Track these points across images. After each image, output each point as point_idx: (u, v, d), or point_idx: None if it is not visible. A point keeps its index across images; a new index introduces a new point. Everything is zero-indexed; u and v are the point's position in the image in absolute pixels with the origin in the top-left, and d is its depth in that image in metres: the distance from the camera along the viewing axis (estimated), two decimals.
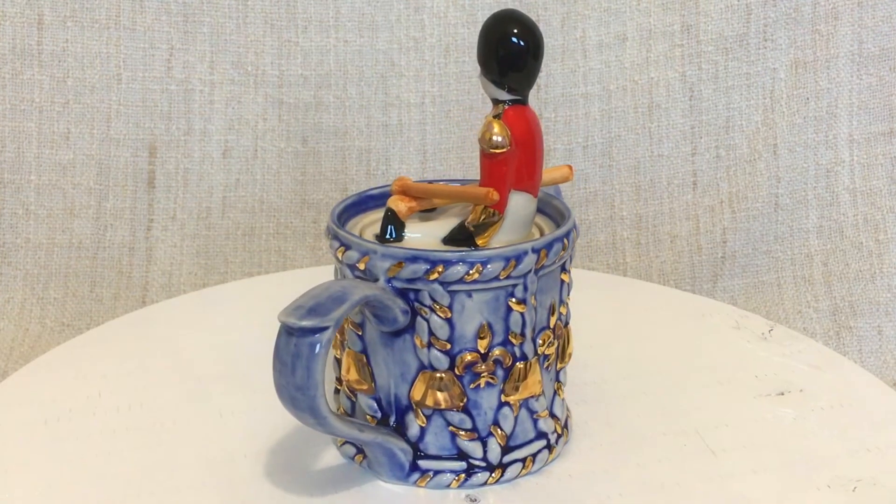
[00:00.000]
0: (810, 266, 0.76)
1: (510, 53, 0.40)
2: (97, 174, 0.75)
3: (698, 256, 0.77)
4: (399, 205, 0.43)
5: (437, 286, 0.39)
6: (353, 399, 0.43)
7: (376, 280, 0.39)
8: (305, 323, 0.36)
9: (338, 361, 0.44)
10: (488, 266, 0.39)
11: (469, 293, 0.39)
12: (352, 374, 0.42)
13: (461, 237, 0.41)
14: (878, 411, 0.48)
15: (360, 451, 0.43)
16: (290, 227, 0.77)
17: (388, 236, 0.42)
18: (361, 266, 0.39)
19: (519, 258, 0.39)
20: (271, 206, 0.77)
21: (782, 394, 0.49)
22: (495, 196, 0.41)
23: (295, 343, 0.36)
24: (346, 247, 0.40)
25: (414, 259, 0.39)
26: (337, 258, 0.41)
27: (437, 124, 0.77)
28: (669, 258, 0.77)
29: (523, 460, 0.42)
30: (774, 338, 0.55)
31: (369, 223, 0.44)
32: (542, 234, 0.43)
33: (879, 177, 0.75)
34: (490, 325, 0.40)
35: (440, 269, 0.39)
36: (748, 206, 0.76)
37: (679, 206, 0.77)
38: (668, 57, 0.76)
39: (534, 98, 0.42)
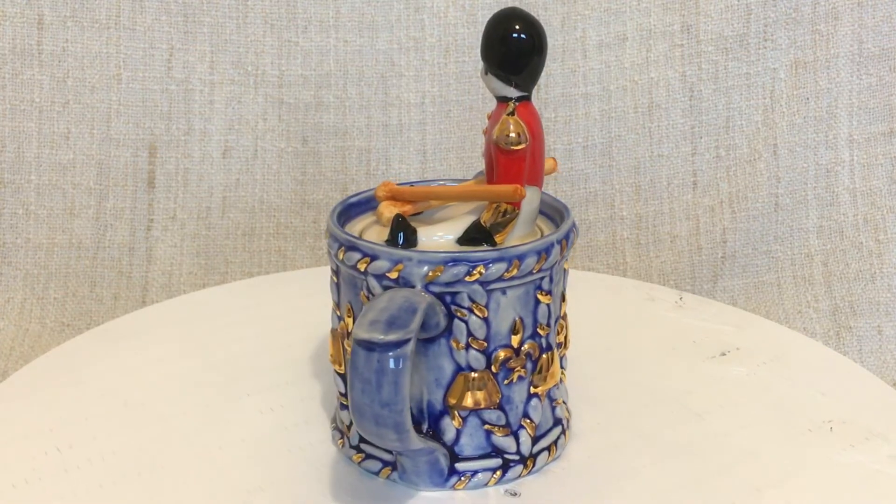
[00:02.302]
0: (810, 266, 0.76)
1: (519, 50, 0.40)
2: (97, 174, 0.75)
3: (698, 256, 0.77)
4: (392, 210, 0.42)
5: (476, 286, 0.39)
6: None
7: (413, 287, 0.39)
8: (392, 337, 0.35)
9: (342, 376, 0.43)
10: (525, 261, 0.39)
11: (504, 290, 0.40)
12: None
13: (478, 236, 0.41)
14: (811, 360, 0.53)
15: (387, 464, 0.42)
16: (290, 227, 0.77)
17: (399, 243, 0.41)
18: (393, 275, 0.39)
19: (548, 251, 0.40)
20: (271, 206, 0.77)
21: (724, 354, 0.53)
22: (524, 192, 0.41)
23: (378, 359, 0.35)
24: (373, 257, 0.39)
25: (453, 262, 0.38)
26: (357, 269, 0.40)
27: (437, 124, 0.77)
28: (669, 258, 0.77)
29: (548, 448, 0.43)
30: (687, 305, 0.59)
31: (360, 231, 0.44)
32: (541, 231, 0.44)
33: (879, 177, 0.75)
34: (522, 320, 0.40)
35: (481, 270, 0.39)
36: (748, 206, 0.76)
37: (679, 206, 0.77)
38: (668, 57, 0.76)
39: (534, 98, 0.43)
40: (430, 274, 0.38)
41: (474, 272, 0.39)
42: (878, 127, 0.75)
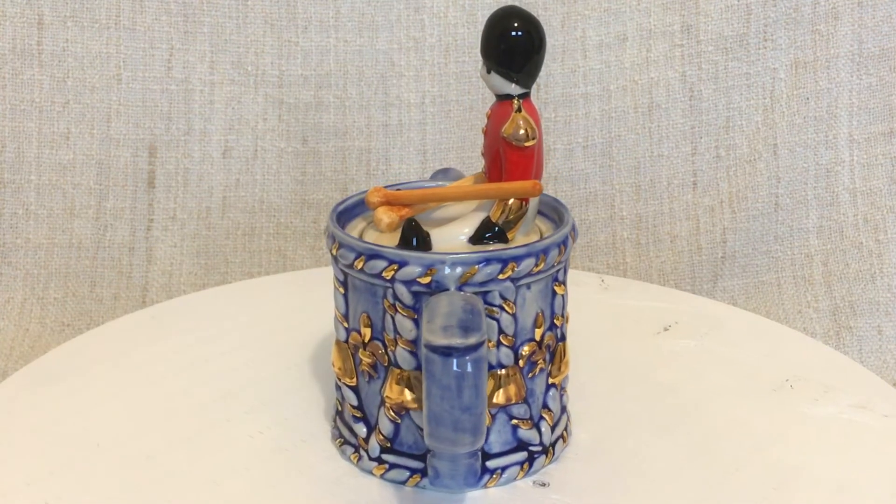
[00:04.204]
0: (810, 266, 0.76)
1: (520, 46, 0.41)
2: (97, 174, 0.75)
3: (698, 256, 0.77)
4: (390, 215, 0.42)
5: (508, 283, 0.39)
6: (399, 421, 0.41)
7: (446, 290, 0.38)
8: (471, 340, 0.35)
9: (353, 389, 0.42)
10: (549, 254, 0.40)
11: (529, 285, 0.40)
12: (405, 395, 0.40)
13: (491, 234, 0.41)
14: (744, 327, 0.56)
15: (414, 471, 0.41)
16: (290, 227, 0.77)
17: (414, 246, 0.41)
18: (426, 280, 0.38)
19: (565, 243, 0.41)
20: (271, 206, 0.77)
21: (667, 328, 0.55)
22: (542, 187, 0.41)
23: (456, 364, 0.35)
24: (401, 263, 0.39)
25: (486, 261, 0.38)
26: (381, 278, 0.39)
27: (437, 124, 0.77)
28: (669, 258, 0.77)
29: (561, 436, 0.43)
30: (611, 286, 0.61)
31: (357, 236, 0.43)
32: (539, 228, 0.44)
33: (879, 177, 0.75)
34: (543, 312, 0.41)
35: (513, 266, 0.39)
36: (748, 206, 0.76)
37: (679, 206, 0.77)
38: (668, 57, 0.76)
39: (533, 98, 0.43)
40: (465, 275, 0.38)
41: (507, 269, 0.39)
42: (878, 127, 0.75)
